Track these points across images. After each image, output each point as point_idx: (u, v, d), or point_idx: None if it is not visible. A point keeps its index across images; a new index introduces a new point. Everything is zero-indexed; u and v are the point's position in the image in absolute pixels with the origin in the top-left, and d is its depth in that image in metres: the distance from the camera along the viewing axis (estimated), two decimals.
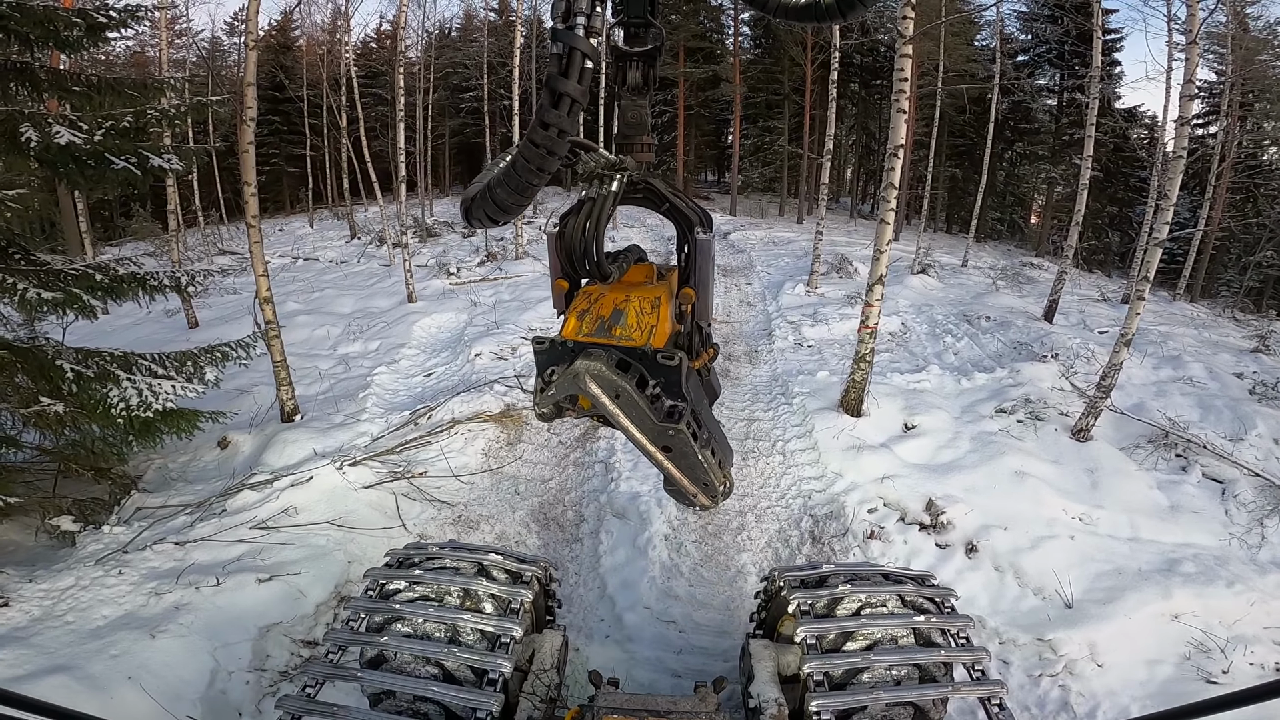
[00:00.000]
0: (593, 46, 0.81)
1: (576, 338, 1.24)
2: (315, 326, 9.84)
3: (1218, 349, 10.52)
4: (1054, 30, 24.44)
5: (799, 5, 1.03)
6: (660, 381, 1.20)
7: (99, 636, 3.81)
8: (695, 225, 1.27)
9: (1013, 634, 4.41)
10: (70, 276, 5.07)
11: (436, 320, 9.87)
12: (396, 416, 6.85)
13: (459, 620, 2.69)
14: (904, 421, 7.00)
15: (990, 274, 15.88)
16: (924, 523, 5.70)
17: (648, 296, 1.29)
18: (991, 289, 13.50)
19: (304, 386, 7.84)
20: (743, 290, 12.15)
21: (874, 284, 6.02)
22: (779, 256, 15.55)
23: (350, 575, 4.80)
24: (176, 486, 6.10)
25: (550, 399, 1.26)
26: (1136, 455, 6.75)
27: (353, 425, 6.64)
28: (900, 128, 5.22)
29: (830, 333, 9.22)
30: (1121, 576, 4.89)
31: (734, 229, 20.17)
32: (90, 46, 5.09)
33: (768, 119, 26.91)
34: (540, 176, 0.87)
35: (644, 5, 1.15)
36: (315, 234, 21.51)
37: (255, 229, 5.45)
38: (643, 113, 1.26)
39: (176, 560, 4.59)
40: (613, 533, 5.47)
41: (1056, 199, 25.74)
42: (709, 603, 4.82)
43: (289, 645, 4.20)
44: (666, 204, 1.27)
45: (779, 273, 13.53)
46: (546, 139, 0.83)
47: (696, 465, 1.33)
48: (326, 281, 13.48)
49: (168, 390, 5.31)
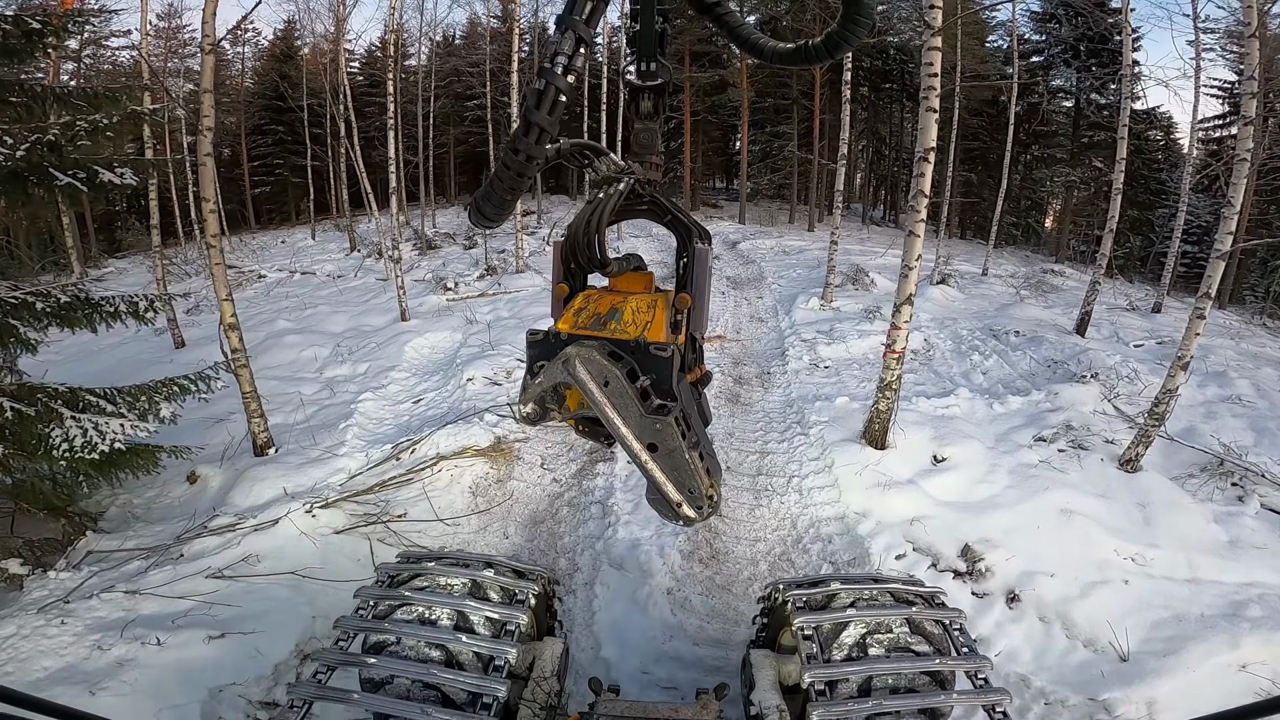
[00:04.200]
0: (568, 84, 0.89)
1: (571, 330, 1.24)
2: (304, 347, 9.36)
3: (1259, 362, 9.84)
4: (1069, 30, 23.79)
5: (789, 51, 1.10)
6: (651, 377, 1.19)
7: (37, 690, 3.37)
8: (694, 237, 1.36)
9: (1061, 693, 3.90)
10: (8, 305, 4.58)
11: (430, 340, 9.35)
12: (378, 450, 6.31)
13: (465, 608, 2.73)
14: (933, 453, 6.39)
15: (1012, 283, 15.19)
16: (959, 569, 5.13)
17: (644, 299, 1.33)
18: (1016, 299, 12.83)
19: (284, 414, 7.34)
20: (753, 304, 11.53)
21: (902, 304, 5.42)
22: (790, 267, 14.94)
23: (315, 631, 4.31)
24: (136, 527, 5.63)
25: (537, 388, 1.25)
26: (1189, 485, 6.16)
27: (329, 460, 6.10)
28: (930, 129, 4.62)
29: (848, 352, 8.60)
30: (1182, 624, 4.39)
31: (743, 238, 19.58)
32: (33, 54, 4.61)
33: (776, 124, 26.32)
34: (514, 193, 0.96)
35: (653, 45, 1.26)
36: (316, 246, 21.15)
37: (216, 249, 4.94)
38: (654, 135, 1.37)
39: (125, 610, 4.19)
40: (609, 585, 4.89)
41: (1075, 203, 24.98)
42: (718, 666, 4.23)
43: (244, 707, 3.76)
44: (669, 216, 1.37)
45: (791, 285, 12.91)
46: (516, 163, 0.91)
47: (683, 467, 1.29)
48: (320, 298, 13.02)
49: (116, 429, 4.80)
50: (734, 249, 18.10)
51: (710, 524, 5.42)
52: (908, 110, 30.13)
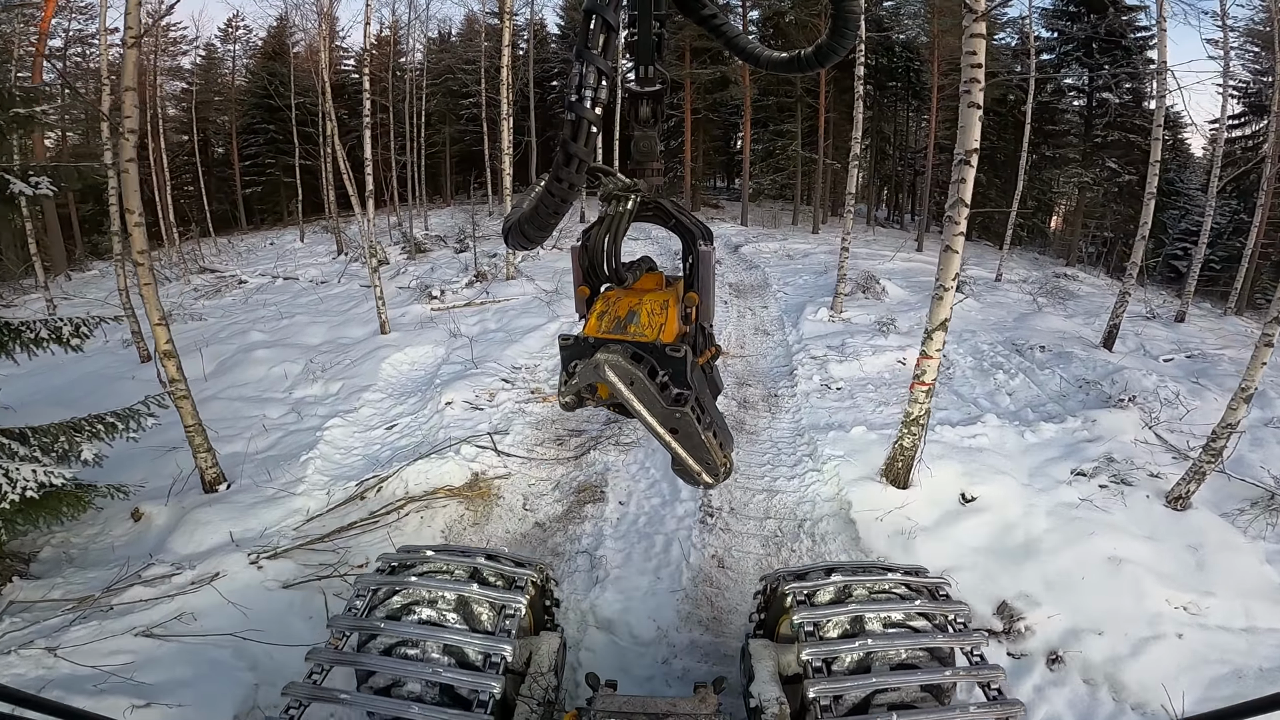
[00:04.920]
0: (598, 116, 0.96)
1: (597, 334, 1.34)
2: (274, 363, 8.70)
3: None
4: (1083, 27, 23.08)
5: (784, 60, 1.22)
6: (669, 372, 1.30)
7: None
8: (698, 239, 1.43)
9: None
10: None
11: (410, 355, 8.69)
12: (341, 488, 5.66)
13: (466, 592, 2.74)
14: (962, 491, 5.75)
15: (1027, 289, 14.54)
16: (994, 629, 4.53)
17: (658, 300, 1.42)
18: (1034, 308, 12.17)
19: (244, 442, 6.69)
20: (758, 315, 10.83)
21: (935, 329, 4.75)
22: (796, 273, 14.25)
23: (258, 700, 3.72)
24: (67, 572, 4.98)
25: (573, 388, 1.34)
26: (1239, 522, 5.57)
27: (285, 499, 5.46)
28: (973, 128, 3.94)
29: (862, 370, 7.94)
30: (1242, 681, 4.01)
31: (745, 241, 18.88)
32: None
33: (779, 123, 25.58)
34: (557, 217, 1.05)
35: (651, 53, 1.30)
36: (305, 249, 20.49)
37: (145, 267, 4.28)
38: (653, 143, 1.42)
39: (44, 669, 3.66)
40: (595, 650, 4.28)
41: (1085, 204, 24.27)
42: None
43: None
44: (673, 220, 1.45)
45: (797, 293, 12.22)
46: (560, 190, 1.00)
47: (700, 446, 1.42)
48: (300, 306, 12.35)
49: (28, 476, 4.16)
50: (736, 252, 17.41)
51: (713, 579, 4.80)
52: (913, 109, 29.46)
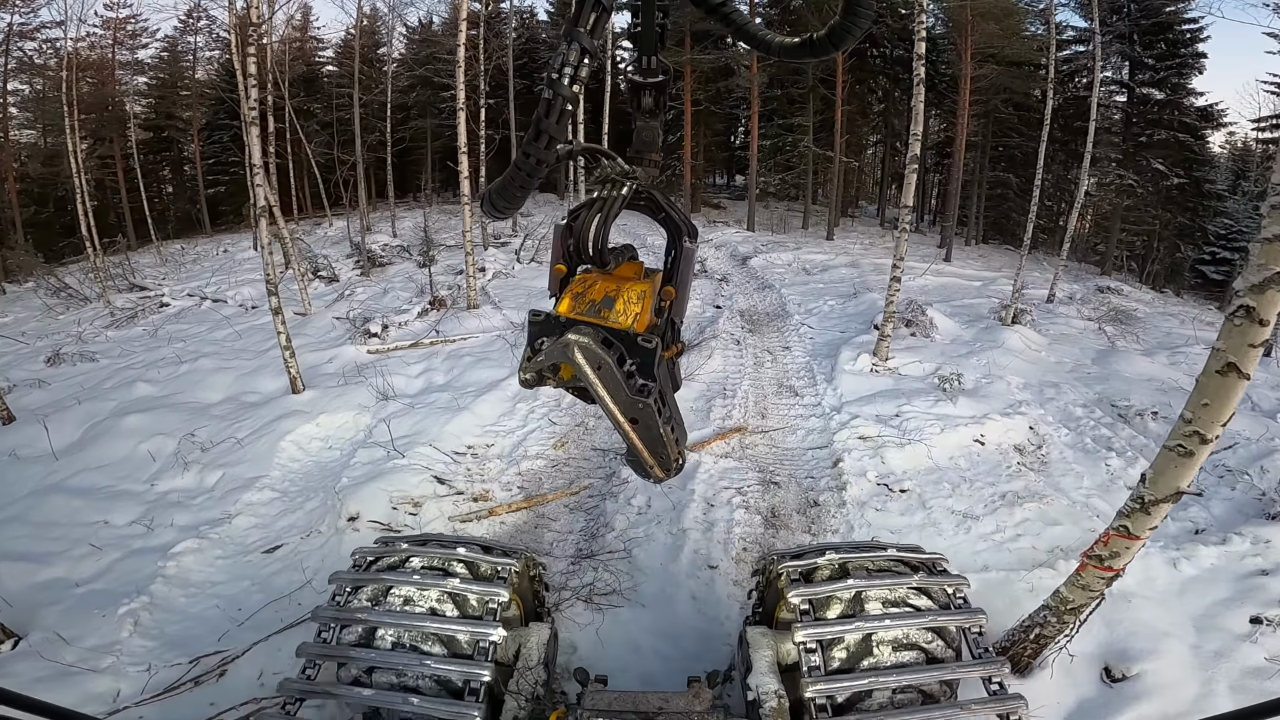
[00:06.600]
0: (574, 94, 0.96)
1: (570, 315, 1.32)
2: (146, 435, 6.53)
3: None
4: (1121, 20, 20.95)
5: (796, 44, 1.14)
6: (637, 361, 1.29)
7: None
8: (684, 235, 1.43)
9: None
10: None
11: (323, 427, 6.54)
12: (169, 665, 3.56)
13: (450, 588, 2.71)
14: (1105, 667, 3.73)
15: (1084, 311, 12.45)
16: None
17: (635, 289, 1.39)
18: (1107, 344, 10.05)
19: (67, 564, 4.62)
20: (778, 361, 8.59)
21: (1162, 500, 2.64)
22: (818, 295, 12.04)
23: None
24: None
25: (537, 365, 1.33)
26: None
27: (83, 678, 3.36)
28: None
29: (930, 456, 5.79)
30: None
31: (755, 251, 16.63)
32: None
33: (789, 116, 23.33)
34: (525, 191, 1.07)
35: (653, 44, 1.28)
36: (256, 258, 18.24)
37: None
38: (655, 133, 1.42)
39: None
40: None
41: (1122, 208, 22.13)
42: None
43: None
44: (663, 213, 1.43)
45: (824, 325, 10.01)
46: (528, 165, 1.01)
47: (658, 439, 1.43)
48: (213, 342, 10.15)
49: None
50: (745, 266, 15.19)
51: None
52: (930, 100, 27.26)
